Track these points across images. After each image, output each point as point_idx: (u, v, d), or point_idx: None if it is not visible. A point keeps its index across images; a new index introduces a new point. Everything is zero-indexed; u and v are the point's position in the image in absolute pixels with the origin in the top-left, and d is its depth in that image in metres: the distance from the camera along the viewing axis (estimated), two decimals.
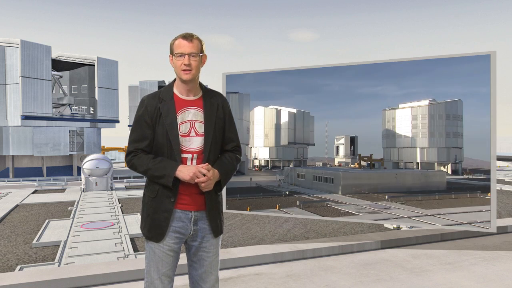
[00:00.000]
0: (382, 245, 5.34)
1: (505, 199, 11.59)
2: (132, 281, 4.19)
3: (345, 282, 4.16)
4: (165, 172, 2.08)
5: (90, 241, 7.48)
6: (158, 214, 2.15)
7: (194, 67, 2.12)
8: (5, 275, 4.24)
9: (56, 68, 28.63)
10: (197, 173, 2.07)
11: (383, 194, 5.51)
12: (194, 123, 2.18)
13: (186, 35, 2.13)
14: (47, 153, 25.48)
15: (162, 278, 2.17)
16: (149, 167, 2.11)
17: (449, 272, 4.44)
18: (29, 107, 24.19)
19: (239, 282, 4.20)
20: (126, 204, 12.43)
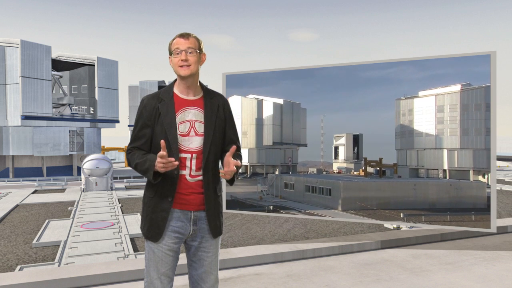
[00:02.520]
0: (382, 245, 5.34)
1: (505, 199, 11.59)
2: (132, 281, 4.19)
3: (345, 282, 4.16)
4: (146, 166, 2.07)
5: (90, 241, 7.48)
6: (156, 213, 2.16)
7: (192, 62, 2.12)
8: (5, 275, 4.24)
9: (56, 68, 28.62)
10: (159, 161, 1.97)
11: (397, 211, 4.37)
12: (194, 122, 2.18)
13: (183, 33, 2.15)
14: (47, 153, 25.46)
15: (161, 278, 2.17)
16: (136, 162, 2.13)
17: (449, 272, 4.44)
18: (29, 107, 24.18)
19: (239, 282, 4.20)
20: (126, 204, 12.42)
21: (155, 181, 2.08)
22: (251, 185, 4.85)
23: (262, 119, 4.78)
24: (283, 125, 4.74)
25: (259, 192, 4.88)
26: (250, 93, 4.83)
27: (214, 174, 2.21)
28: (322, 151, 4.60)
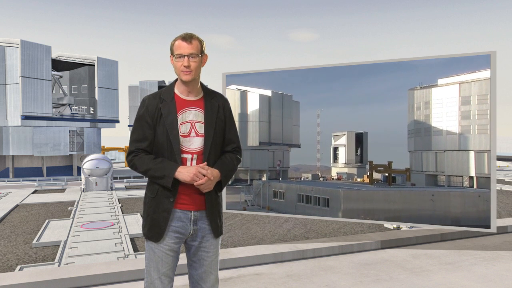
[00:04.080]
0: (382, 245, 5.34)
1: (505, 199, 11.59)
2: (132, 281, 4.19)
3: (345, 282, 4.17)
4: (165, 172, 2.09)
5: (90, 241, 7.48)
6: (157, 213, 2.16)
7: (193, 68, 2.13)
8: (5, 275, 4.24)
9: (56, 68, 28.63)
10: (197, 174, 2.07)
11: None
12: (195, 123, 2.18)
13: (186, 36, 2.13)
14: (47, 153, 25.47)
15: (162, 278, 2.18)
16: (149, 167, 2.12)
17: (449, 272, 4.44)
18: (29, 107, 24.18)
19: (239, 282, 4.21)
20: (126, 204, 12.42)
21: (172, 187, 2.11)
22: (234, 193, 4.05)
23: (246, 115, 4.06)
24: (271, 122, 3.91)
25: (243, 202, 4.17)
26: (232, 83, 4.09)
27: None
28: (318, 153, 3.84)
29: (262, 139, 3.90)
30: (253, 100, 3.88)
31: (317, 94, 3.40)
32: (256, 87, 4.19)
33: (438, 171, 3.47)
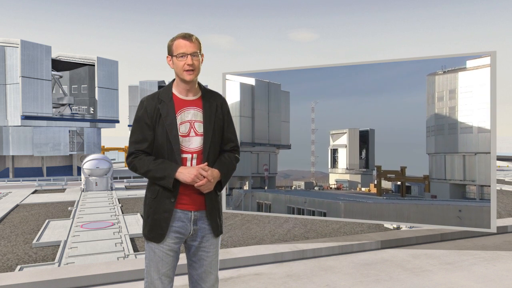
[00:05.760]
0: (382, 245, 5.34)
1: (505, 199, 11.59)
2: (132, 281, 4.19)
3: (345, 282, 4.17)
4: (166, 173, 2.09)
5: (90, 241, 7.48)
6: (158, 214, 2.16)
7: (196, 67, 2.14)
8: (5, 275, 4.24)
9: (56, 68, 28.63)
10: (198, 175, 2.07)
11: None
12: (194, 123, 2.18)
13: (186, 35, 2.13)
14: (47, 153, 25.48)
15: (162, 278, 2.18)
16: (149, 168, 2.12)
17: (449, 272, 4.44)
18: (29, 107, 24.18)
19: (239, 282, 4.21)
20: (126, 204, 12.42)
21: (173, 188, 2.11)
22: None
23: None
24: (255, 117, 3.16)
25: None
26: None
27: None
28: (313, 156, 3.11)
29: (244, 138, 3.22)
30: (233, 90, 3.09)
31: (311, 83, 2.62)
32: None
33: (467, 180, 2.78)
